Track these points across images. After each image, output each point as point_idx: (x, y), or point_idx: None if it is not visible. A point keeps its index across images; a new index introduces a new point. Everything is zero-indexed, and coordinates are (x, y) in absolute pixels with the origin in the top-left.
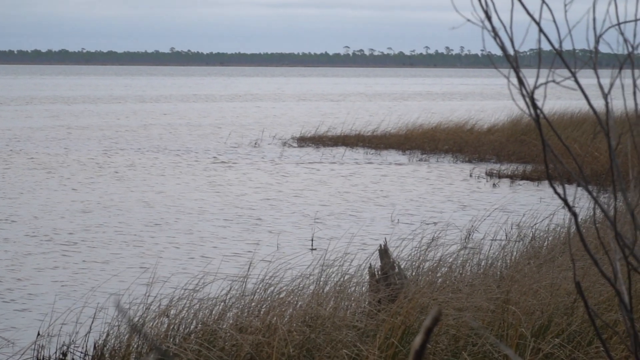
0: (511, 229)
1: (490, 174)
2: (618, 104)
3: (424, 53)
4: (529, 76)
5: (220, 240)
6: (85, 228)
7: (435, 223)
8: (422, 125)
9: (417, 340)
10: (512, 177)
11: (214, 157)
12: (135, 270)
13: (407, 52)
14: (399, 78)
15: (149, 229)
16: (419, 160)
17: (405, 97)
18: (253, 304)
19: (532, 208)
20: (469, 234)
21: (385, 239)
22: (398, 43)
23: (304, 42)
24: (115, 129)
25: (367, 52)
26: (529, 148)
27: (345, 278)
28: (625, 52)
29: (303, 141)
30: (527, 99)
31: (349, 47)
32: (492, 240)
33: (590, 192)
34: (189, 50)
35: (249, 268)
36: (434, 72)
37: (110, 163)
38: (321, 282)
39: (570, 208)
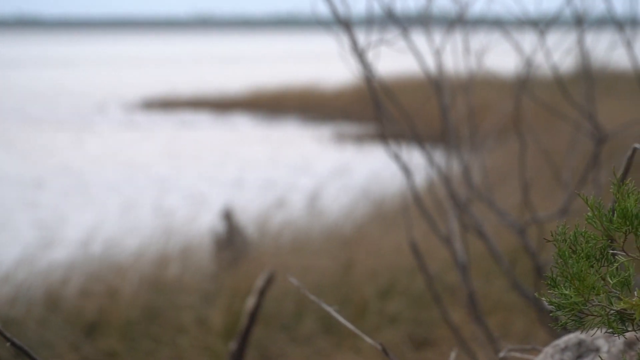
0: (358, 190)
1: (337, 135)
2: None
3: (269, 15)
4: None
5: (62, 207)
6: None
7: (281, 185)
8: (269, 87)
9: (250, 302)
10: (360, 138)
11: (56, 123)
12: None
13: (251, 14)
14: (244, 40)
15: None
16: (266, 122)
17: (251, 60)
18: (96, 268)
19: (380, 168)
20: (315, 196)
21: (229, 202)
22: (242, 4)
23: (146, 4)
24: None
25: (211, 14)
26: (386, 109)
27: (190, 242)
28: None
29: (150, 106)
30: (358, 58)
31: (193, 9)
32: (337, 202)
33: (423, 149)
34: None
35: (91, 233)
36: (280, 34)
37: None
38: (166, 246)
39: (403, 166)
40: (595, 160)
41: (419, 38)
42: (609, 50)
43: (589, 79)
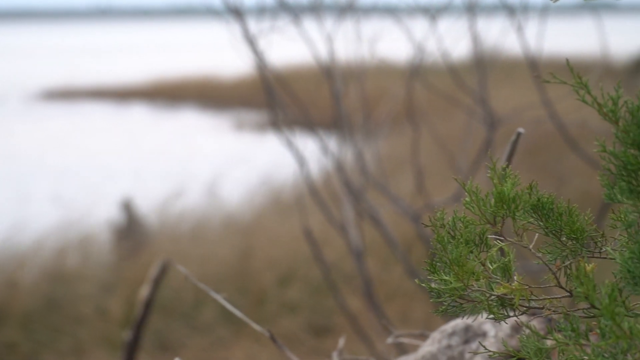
0: (257, 178)
1: (237, 124)
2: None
3: (168, 5)
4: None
5: None
6: None
7: (180, 174)
8: (169, 77)
9: (145, 291)
10: (260, 126)
11: None
12: None
13: (150, 5)
14: (143, 31)
15: None
16: (166, 112)
17: (151, 50)
18: None
19: (280, 156)
20: (214, 185)
21: (127, 192)
22: None
23: None
24: None
25: (110, 5)
26: (278, 97)
27: (90, 232)
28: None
29: (50, 97)
30: (250, 46)
31: (92, 0)
32: (236, 190)
33: (316, 136)
34: None
35: None
36: (179, 24)
37: None
38: (65, 237)
39: (296, 154)
40: (488, 145)
41: (311, 26)
42: (501, 36)
43: (481, 65)
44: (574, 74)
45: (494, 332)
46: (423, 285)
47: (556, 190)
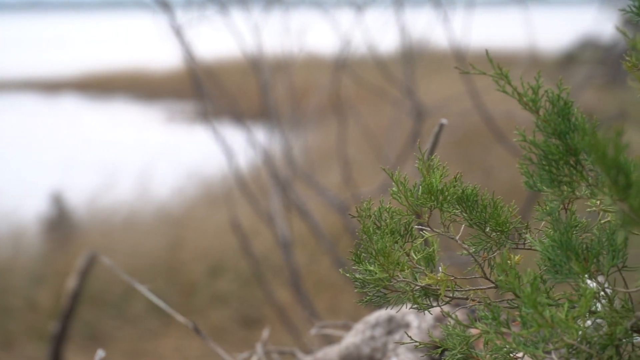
0: (188, 169)
1: (169, 115)
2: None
3: None
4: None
5: None
6: None
7: (112, 166)
8: (101, 68)
9: (71, 282)
10: (192, 118)
11: None
12: None
13: None
14: (73, 22)
15: None
16: (97, 104)
17: (82, 41)
18: None
19: (211, 148)
20: (145, 177)
21: (58, 184)
22: None
23: None
24: None
25: None
26: (207, 88)
27: (20, 225)
28: None
29: None
30: (176, 36)
31: None
32: (168, 182)
33: (244, 128)
34: None
35: None
36: (109, 15)
37: None
38: None
39: (224, 146)
40: (415, 136)
41: (238, 17)
42: (428, 28)
43: (408, 57)
44: (494, 64)
45: (417, 322)
46: (348, 275)
47: (484, 181)
